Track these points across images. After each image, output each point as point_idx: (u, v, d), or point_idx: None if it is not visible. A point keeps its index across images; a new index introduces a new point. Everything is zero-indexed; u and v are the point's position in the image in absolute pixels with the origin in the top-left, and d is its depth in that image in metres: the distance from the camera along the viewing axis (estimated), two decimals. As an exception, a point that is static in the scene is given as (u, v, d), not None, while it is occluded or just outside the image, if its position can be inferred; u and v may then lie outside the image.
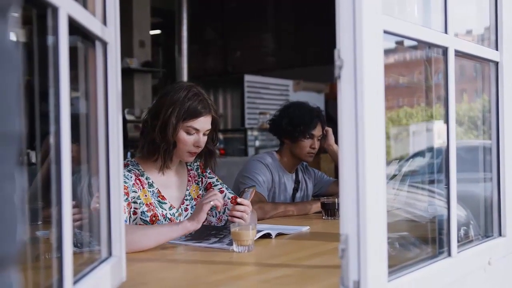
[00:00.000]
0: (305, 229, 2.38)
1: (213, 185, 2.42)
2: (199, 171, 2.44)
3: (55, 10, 0.98)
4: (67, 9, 1.02)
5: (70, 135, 1.02)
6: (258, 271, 1.70)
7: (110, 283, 1.31)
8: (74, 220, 1.10)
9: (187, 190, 2.37)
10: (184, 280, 1.62)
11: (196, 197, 2.38)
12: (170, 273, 1.70)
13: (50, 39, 1.00)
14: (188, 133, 2.21)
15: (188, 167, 2.42)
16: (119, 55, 1.41)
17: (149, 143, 2.22)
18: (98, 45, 1.33)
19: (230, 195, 2.40)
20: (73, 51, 1.06)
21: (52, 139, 0.99)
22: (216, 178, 2.45)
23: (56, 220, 0.99)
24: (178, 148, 2.24)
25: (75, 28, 1.10)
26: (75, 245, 1.15)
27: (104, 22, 1.35)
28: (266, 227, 2.20)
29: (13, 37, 0.62)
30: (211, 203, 2.02)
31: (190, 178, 2.40)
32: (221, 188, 2.42)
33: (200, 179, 2.43)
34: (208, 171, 2.45)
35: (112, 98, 1.37)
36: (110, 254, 1.37)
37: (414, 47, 1.74)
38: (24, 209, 0.62)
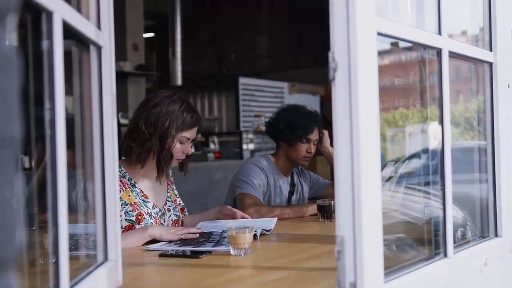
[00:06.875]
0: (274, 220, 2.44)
1: (176, 197, 2.55)
2: (172, 179, 2.56)
3: (49, 14, 0.98)
4: (62, 14, 1.02)
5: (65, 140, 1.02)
6: (255, 274, 1.69)
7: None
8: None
9: (168, 192, 2.48)
10: (181, 284, 1.62)
11: (173, 200, 2.50)
12: (166, 277, 1.70)
13: (44, 43, 0.99)
14: (181, 142, 2.33)
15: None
16: (114, 59, 1.40)
17: (145, 151, 2.28)
18: (92, 49, 1.33)
19: (178, 210, 2.51)
20: (67, 55, 1.06)
21: (47, 144, 0.99)
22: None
23: (51, 225, 0.99)
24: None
25: (69, 32, 1.10)
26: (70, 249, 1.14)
27: (98, 26, 1.34)
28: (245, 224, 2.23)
29: (11, 41, 0.62)
30: (181, 236, 2.13)
31: (169, 182, 2.52)
32: (180, 202, 2.56)
33: (173, 185, 2.56)
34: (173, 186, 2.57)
35: (106, 102, 1.37)
36: (106, 258, 1.36)
37: (408, 49, 1.74)
38: (22, 213, 0.62)
